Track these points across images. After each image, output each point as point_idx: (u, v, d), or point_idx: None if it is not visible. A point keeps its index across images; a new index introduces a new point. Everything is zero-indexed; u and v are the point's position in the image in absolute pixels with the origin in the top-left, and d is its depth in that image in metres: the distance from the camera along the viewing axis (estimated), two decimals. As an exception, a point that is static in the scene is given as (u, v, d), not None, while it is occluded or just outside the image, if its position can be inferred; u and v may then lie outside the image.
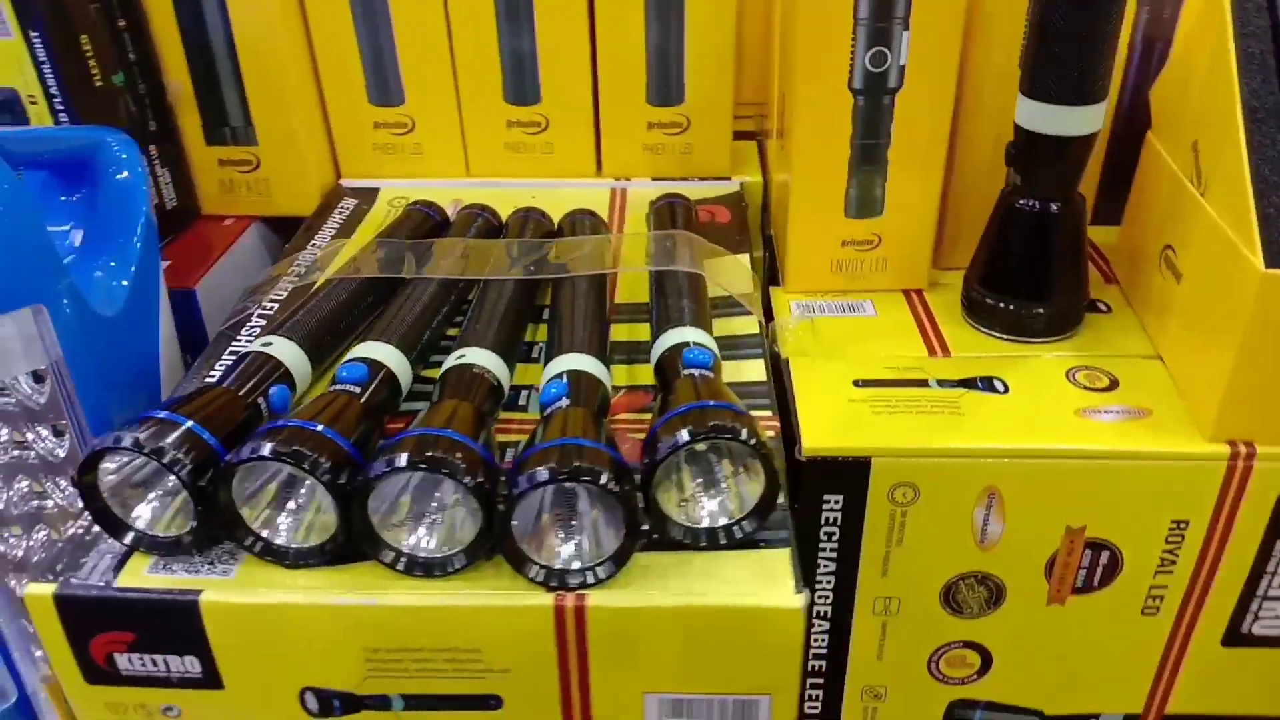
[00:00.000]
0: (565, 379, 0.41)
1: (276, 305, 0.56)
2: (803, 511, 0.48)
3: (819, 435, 0.47)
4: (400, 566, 0.38)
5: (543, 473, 0.34)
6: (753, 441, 0.37)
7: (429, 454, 0.35)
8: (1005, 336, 0.54)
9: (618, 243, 0.57)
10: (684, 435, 0.36)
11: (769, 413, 0.47)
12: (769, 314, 0.57)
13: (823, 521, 0.48)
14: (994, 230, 0.54)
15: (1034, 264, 0.53)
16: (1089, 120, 0.49)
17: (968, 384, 0.51)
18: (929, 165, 0.55)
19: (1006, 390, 0.50)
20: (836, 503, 0.48)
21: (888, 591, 0.50)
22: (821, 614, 0.51)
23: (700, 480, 0.39)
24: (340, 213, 0.67)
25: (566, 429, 0.37)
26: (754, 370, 0.50)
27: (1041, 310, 0.53)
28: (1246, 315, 0.43)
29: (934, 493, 0.47)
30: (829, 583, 0.50)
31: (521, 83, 0.68)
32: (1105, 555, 0.49)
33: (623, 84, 0.67)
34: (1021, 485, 0.47)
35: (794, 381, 0.51)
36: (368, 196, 0.69)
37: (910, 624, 0.51)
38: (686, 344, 0.44)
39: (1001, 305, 0.54)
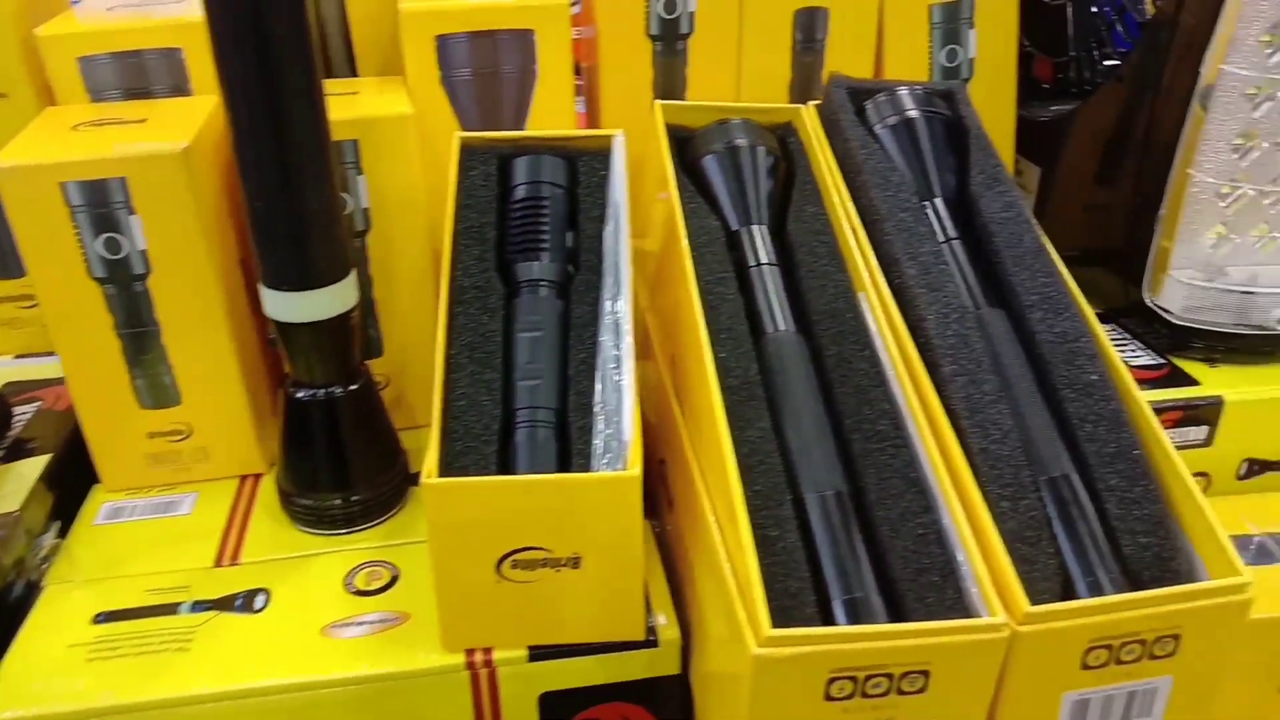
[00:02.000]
0: None
1: None
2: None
3: (8, 698, 0.41)
4: None
5: None
6: None
7: None
8: (312, 531, 0.50)
9: None
10: None
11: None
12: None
13: (31, 797, 0.41)
14: (282, 421, 0.49)
15: (325, 453, 0.49)
16: (323, 305, 0.45)
17: (225, 604, 0.45)
18: (216, 349, 0.50)
19: (264, 607, 0.45)
20: (40, 775, 0.41)
21: None
22: None
23: None
24: None
25: None
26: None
27: (341, 501, 0.49)
28: (429, 516, 0.40)
29: (146, 749, 0.41)
30: None
31: None
32: (376, 782, 0.44)
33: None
34: (243, 729, 0.42)
35: (27, 623, 0.44)
36: None
37: None
38: None
39: (302, 500, 0.49)
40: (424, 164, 0.53)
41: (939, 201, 0.50)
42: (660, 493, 0.51)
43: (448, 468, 0.39)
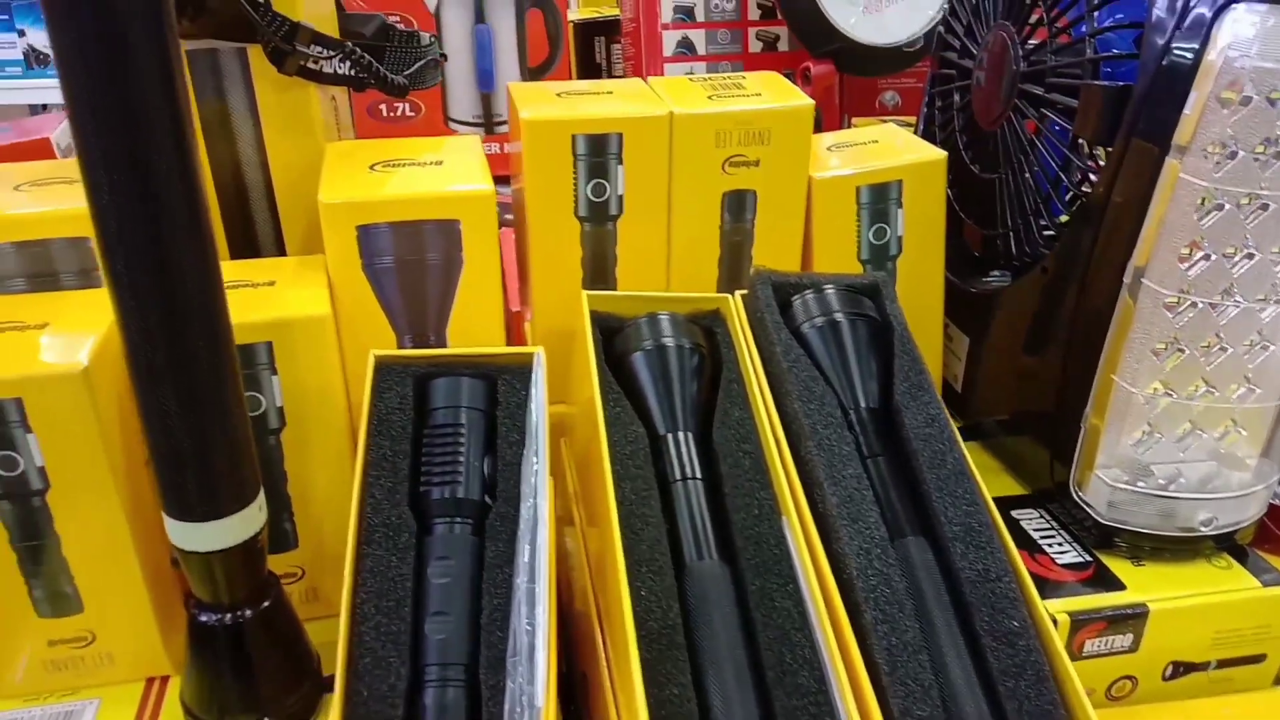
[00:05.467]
0: None
1: None
2: None
3: None
4: None
5: None
6: None
7: None
8: (216, 752, 0.48)
9: None
10: None
11: None
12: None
13: None
14: (188, 642, 0.47)
15: (232, 678, 0.47)
16: (229, 533, 0.43)
17: None
18: (120, 558, 0.48)
19: None
20: None
21: None
22: None
23: None
24: None
25: None
26: None
27: (245, 723, 0.47)
28: None
29: None
30: None
31: None
32: None
33: None
34: None
35: None
36: None
37: None
38: None
39: (205, 720, 0.47)
40: (344, 350, 0.52)
41: (864, 412, 0.49)
42: (583, 709, 0.49)
43: (351, 737, 0.38)
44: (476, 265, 0.54)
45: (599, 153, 0.56)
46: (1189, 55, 0.48)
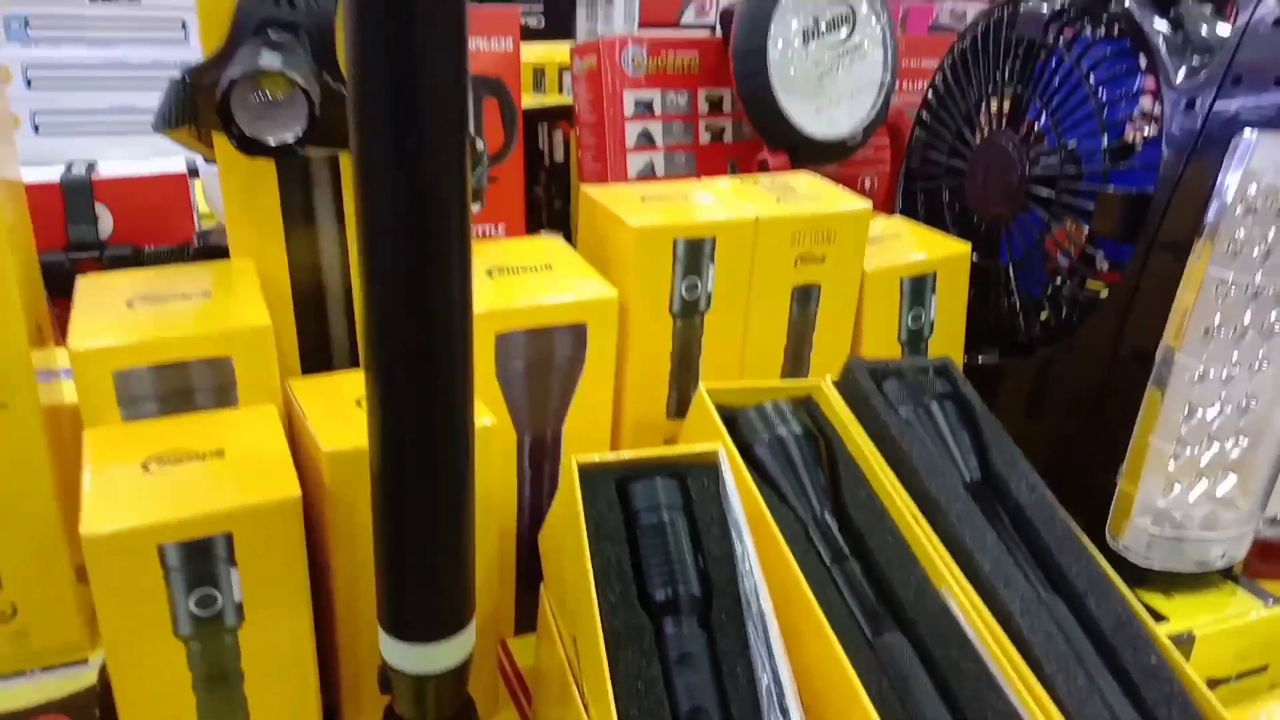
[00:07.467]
0: None
1: None
2: None
3: None
4: None
5: None
6: None
7: None
8: None
9: None
10: None
11: None
12: None
13: None
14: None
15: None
16: (457, 650, 0.44)
17: None
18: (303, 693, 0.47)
19: None
20: None
21: None
22: None
23: None
24: None
25: None
26: None
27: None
28: None
29: None
30: None
31: None
32: None
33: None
34: None
35: None
36: None
37: None
38: None
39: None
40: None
41: (971, 486, 0.56)
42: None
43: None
44: (596, 362, 0.57)
45: (696, 255, 0.60)
46: (1212, 172, 0.58)
